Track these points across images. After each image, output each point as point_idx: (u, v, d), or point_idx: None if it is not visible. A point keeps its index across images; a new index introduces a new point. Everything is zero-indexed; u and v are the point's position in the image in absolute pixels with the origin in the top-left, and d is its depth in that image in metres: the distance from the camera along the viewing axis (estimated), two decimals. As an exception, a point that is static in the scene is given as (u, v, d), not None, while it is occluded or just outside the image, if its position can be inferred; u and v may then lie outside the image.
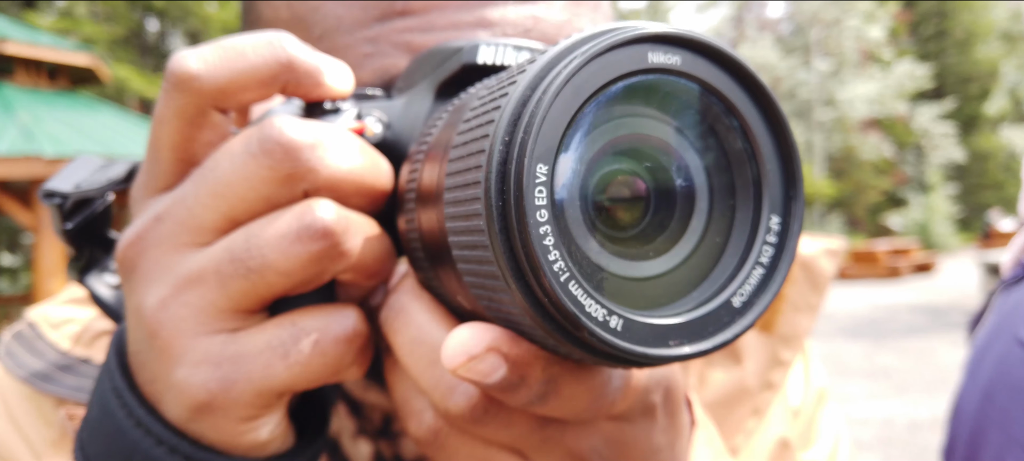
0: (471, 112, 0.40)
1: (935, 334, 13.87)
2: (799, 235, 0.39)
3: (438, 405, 0.46)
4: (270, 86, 0.48)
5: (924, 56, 38.93)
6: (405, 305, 0.48)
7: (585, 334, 0.35)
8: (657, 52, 0.36)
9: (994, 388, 1.04)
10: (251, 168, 0.45)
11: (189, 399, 0.45)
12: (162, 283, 0.46)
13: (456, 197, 0.38)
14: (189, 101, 0.46)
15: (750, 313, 0.38)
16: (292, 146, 0.45)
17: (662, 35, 0.36)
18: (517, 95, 0.35)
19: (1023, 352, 1.01)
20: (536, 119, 0.34)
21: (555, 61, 0.36)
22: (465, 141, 0.39)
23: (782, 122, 0.39)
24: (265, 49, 0.47)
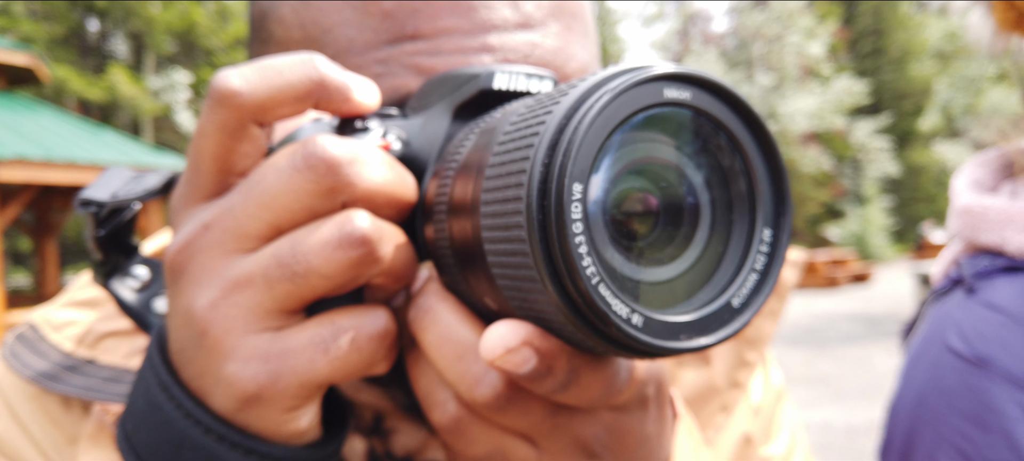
0: (505, 136, 0.45)
1: (871, 342, 14.35)
2: (788, 245, 0.46)
3: (464, 395, 0.51)
4: (304, 102, 0.52)
5: (861, 73, 40.22)
6: (433, 306, 0.53)
7: (612, 329, 0.40)
8: (671, 88, 0.42)
9: (927, 392, 1.12)
10: (296, 181, 0.49)
11: (239, 391, 0.49)
12: (212, 286, 0.49)
13: (495, 210, 0.43)
14: (231, 116, 0.50)
15: (747, 312, 0.44)
16: (334, 162, 0.49)
17: (676, 74, 0.42)
18: (555, 123, 0.40)
19: (953, 359, 1.09)
20: (574, 145, 0.39)
21: (587, 94, 0.41)
22: (502, 161, 0.43)
23: (773, 148, 0.45)
24: (300, 68, 0.51)
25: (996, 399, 1.01)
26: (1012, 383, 1.01)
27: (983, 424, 1.01)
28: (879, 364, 12.13)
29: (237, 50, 23.18)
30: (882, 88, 43.61)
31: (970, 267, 1.18)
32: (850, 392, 10.17)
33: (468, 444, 0.54)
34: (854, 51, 42.95)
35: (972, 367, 1.05)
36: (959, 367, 1.07)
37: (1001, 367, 1.02)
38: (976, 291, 1.14)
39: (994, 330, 1.06)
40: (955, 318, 1.13)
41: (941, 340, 1.13)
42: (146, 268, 0.69)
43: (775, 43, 33.15)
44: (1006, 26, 1.17)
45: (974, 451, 1.01)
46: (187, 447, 0.50)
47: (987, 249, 1.17)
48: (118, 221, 0.67)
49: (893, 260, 38.07)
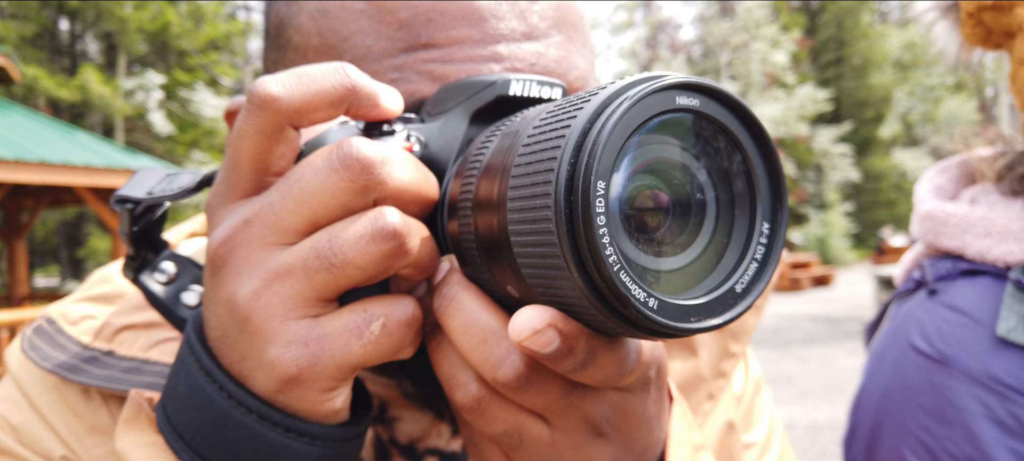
0: (530, 138, 0.48)
1: (833, 343, 14.63)
2: (784, 237, 0.50)
3: (487, 376, 0.55)
4: (337, 107, 0.55)
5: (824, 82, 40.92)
6: (457, 294, 0.56)
7: (631, 311, 0.44)
8: (683, 96, 0.46)
9: (891, 387, 1.18)
10: (333, 180, 0.52)
11: (281, 373, 0.52)
12: (254, 276, 0.52)
13: (522, 205, 0.46)
14: (270, 119, 0.53)
15: (749, 297, 0.48)
16: (367, 162, 0.52)
17: (686, 83, 0.46)
18: (580, 126, 0.44)
19: (916, 356, 1.14)
20: (598, 146, 0.43)
21: (609, 100, 0.45)
22: (529, 161, 0.47)
23: (771, 149, 0.49)
24: (334, 75, 0.55)
25: (957, 395, 1.06)
26: (972, 380, 1.06)
27: (945, 419, 1.06)
28: (841, 364, 12.38)
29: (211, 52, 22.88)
30: (844, 96, 44.41)
31: (932, 270, 1.23)
32: (813, 391, 10.36)
33: (488, 422, 0.58)
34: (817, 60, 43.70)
35: (934, 365, 1.11)
36: (922, 364, 1.12)
37: (962, 365, 1.08)
38: (938, 293, 1.19)
39: (955, 330, 1.11)
40: (918, 318, 1.18)
41: (905, 339, 1.18)
42: (172, 263, 0.72)
43: (741, 51, 33.62)
44: (972, 41, 1.23)
45: (936, 444, 1.06)
46: (230, 426, 0.54)
47: (948, 253, 1.23)
48: (149, 218, 0.70)
49: (854, 264, 38.79)
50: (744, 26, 33.04)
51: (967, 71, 1.40)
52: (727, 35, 33.46)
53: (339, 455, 0.57)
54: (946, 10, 1.26)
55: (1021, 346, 1.05)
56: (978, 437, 1.03)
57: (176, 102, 20.34)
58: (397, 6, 0.73)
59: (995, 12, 1.15)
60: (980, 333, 1.09)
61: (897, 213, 43.92)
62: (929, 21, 1.32)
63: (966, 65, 1.32)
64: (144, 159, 11.26)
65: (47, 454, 0.77)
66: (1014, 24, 1.14)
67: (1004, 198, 1.19)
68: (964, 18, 1.21)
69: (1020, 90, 1.17)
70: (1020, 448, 1.01)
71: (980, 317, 1.10)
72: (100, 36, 21.61)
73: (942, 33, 1.30)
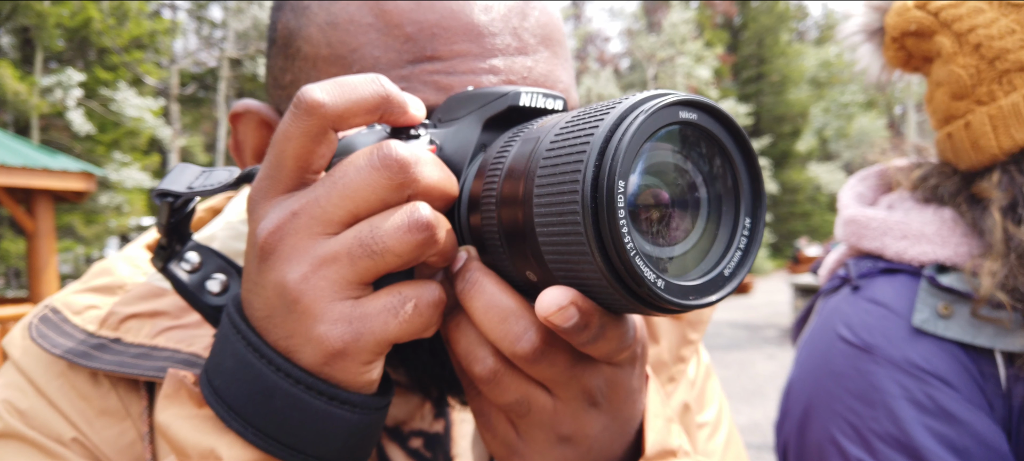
0: (553, 145, 0.55)
1: (752, 348, 15.12)
2: (763, 230, 0.59)
3: (507, 349, 0.61)
4: (373, 113, 0.61)
5: (744, 97, 42.20)
6: (479, 279, 0.63)
7: (645, 290, 0.51)
8: (684, 111, 0.54)
9: (820, 373, 1.29)
10: (373, 177, 0.58)
11: (327, 348, 0.57)
12: (302, 262, 0.57)
13: (549, 200, 0.54)
14: (315, 123, 0.58)
15: (735, 279, 0.57)
16: (404, 162, 0.58)
17: (688, 100, 0.54)
18: (603, 134, 0.51)
19: (842, 345, 1.26)
20: (620, 151, 0.50)
21: (626, 113, 0.52)
22: (554, 163, 0.54)
23: (754, 157, 0.57)
24: (371, 85, 0.60)
25: (879, 379, 1.18)
26: (893, 365, 1.18)
27: (869, 400, 1.18)
28: (759, 368, 12.83)
29: (134, 51, 22.01)
30: (763, 111, 45.87)
31: (855, 268, 1.36)
32: (733, 394, 10.69)
33: (502, 393, 0.65)
34: (738, 76, 45.07)
35: (859, 352, 1.22)
36: (848, 352, 1.24)
37: (883, 352, 1.20)
38: (861, 289, 1.31)
39: (877, 321, 1.23)
40: (843, 311, 1.30)
41: (832, 330, 1.29)
42: (197, 253, 0.76)
43: (666, 65, 34.43)
44: (894, 63, 1.37)
45: (861, 424, 1.18)
46: (278, 396, 0.59)
47: (869, 253, 1.35)
48: (183, 212, 0.75)
49: (771, 272, 40.07)
50: (670, 41, 33.87)
51: (879, 90, 1.54)
52: (654, 49, 34.24)
53: (372, 422, 0.63)
54: (871, 34, 1.39)
55: (933, 335, 1.18)
56: (898, 416, 1.15)
57: (97, 101, 19.47)
58: (403, 21, 0.79)
59: (916, 38, 1.29)
60: (899, 324, 1.21)
61: (812, 224, 45.60)
62: (854, 43, 1.45)
63: (883, 85, 1.45)
64: (63, 159, 10.78)
65: (57, 437, 0.79)
66: (933, 50, 1.27)
67: (918, 204, 1.32)
68: (888, 42, 1.34)
69: (935, 110, 1.31)
70: (934, 425, 1.13)
71: (898, 310, 1.22)
72: (16, 31, 20.52)
73: (866, 54, 1.43)
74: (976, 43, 1.19)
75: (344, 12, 0.81)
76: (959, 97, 1.23)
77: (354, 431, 0.62)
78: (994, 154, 1.20)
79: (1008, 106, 1.17)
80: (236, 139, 0.92)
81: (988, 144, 1.20)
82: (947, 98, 1.26)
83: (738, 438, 1.14)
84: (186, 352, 0.81)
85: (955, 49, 1.22)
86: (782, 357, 13.99)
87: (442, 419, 0.96)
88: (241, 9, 24.67)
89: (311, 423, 0.60)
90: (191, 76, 28.05)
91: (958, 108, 1.24)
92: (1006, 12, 1.17)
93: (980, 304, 1.14)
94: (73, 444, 0.79)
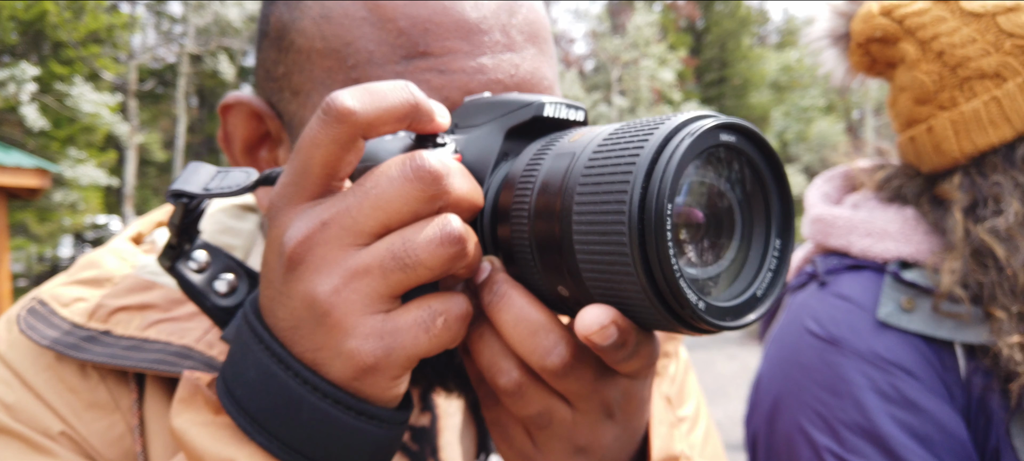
0: (593, 163, 0.55)
1: (714, 348, 15.33)
2: (792, 250, 0.59)
3: (536, 363, 0.61)
4: (403, 122, 0.60)
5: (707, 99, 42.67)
6: (507, 292, 0.62)
7: (687, 312, 0.52)
8: (724, 133, 0.54)
9: (788, 366, 1.33)
10: (406, 189, 0.57)
11: (358, 363, 0.57)
12: (333, 274, 0.56)
13: (591, 218, 0.53)
14: (345, 131, 0.57)
15: (767, 300, 0.57)
16: (437, 174, 0.57)
17: (728, 124, 0.54)
18: (649, 156, 0.51)
19: (810, 339, 1.30)
20: (668, 174, 0.50)
21: (671, 135, 0.52)
22: (596, 182, 0.54)
23: (784, 179, 0.58)
24: (401, 93, 0.59)
25: (846, 371, 1.23)
26: (859, 357, 1.23)
27: (836, 391, 1.23)
28: (720, 368, 13.02)
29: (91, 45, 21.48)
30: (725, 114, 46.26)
31: (822, 265, 1.40)
32: (697, 396, 10.81)
33: (525, 405, 0.65)
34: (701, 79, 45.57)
35: (826, 345, 1.27)
36: (816, 345, 1.29)
37: (850, 345, 1.25)
38: (827, 284, 1.36)
39: (843, 315, 1.28)
40: (811, 306, 1.34)
41: (800, 324, 1.34)
42: (205, 252, 0.74)
43: (630, 68, 34.70)
44: (859, 68, 1.42)
45: (829, 413, 1.23)
46: (305, 410, 0.58)
47: (835, 250, 1.40)
48: (197, 212, 0.73)
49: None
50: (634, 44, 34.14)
51: (840, 95, 1.60)
52: (618, 51, 34.49)
53: (396, 436, 0.62)
54: (837, 39, 1.44)
55: (897, 328, 1.23)
56: (864, 405, 1.20)
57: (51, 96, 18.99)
58: (396, 15, 0.80)
59: (881, 44, 1.34)
60: (864, 317, 1.26)
61: (772, 226, 46.07)
62: (819, 47, 1.50)
63: (845, 90, 1.51)
64: (16, 155, 10.51)
65: (45, 430, 0.78)
66: (897, 56, 1.33)
67: (882, 204, 1.37)
68: (853, 47, 1.39)
69: (898, 114, 1.36)
70: (898, 413, 1.18)
71: (864, 304, 1.27)
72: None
73: (830, 59, 1.48)
74: (939, 50, 1.24)
75: (338, 6, 0.82)
76: (922, 102, 1.29)
77: (380, 446, 0.61)
78: (955, 157, 1.26)
79: (969, 112, 1.23)
80: (226, 131, 0.92)
81: (950, 148, 1.26)
82: (910, 103, 1.31)
83: (715, 432, 1.18)
84: (177, 344, 0.81)
85: (919, 56, 1.27)
86: (744, 357, 14.21)
87: (428, 412, 0.98)
88: (202, 5, 24.27)
89: (338, 438, 0.59)
90: (150, 72, 27.50)
91: (921, 113, 1.30)
92: (967, 22, 1.23)
93: (941, 299, 1.20)
94: (61, 438, 0.78)
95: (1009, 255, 1.16)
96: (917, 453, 1.15)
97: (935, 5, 1.26)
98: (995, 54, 1.20)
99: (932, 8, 1.26)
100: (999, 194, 1.20)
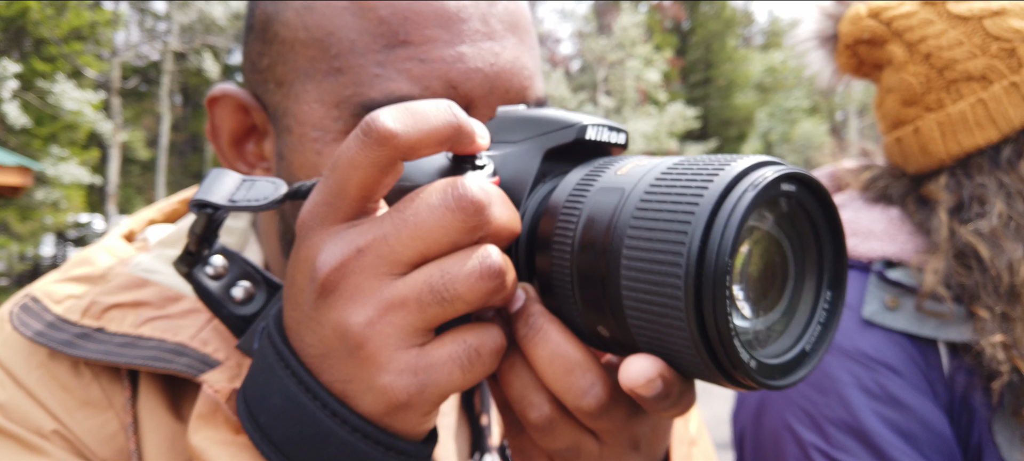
0: (647, 204, 0.52)
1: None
2: (843, 303, 0.56)
3: (571, 403, 0.59)
4: (445, 144, 0.57)
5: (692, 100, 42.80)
6: (543, 326, 0.59)
7: (740, 373, 0.49)
8: (786, 183, 0.51)
9: None
10: (448, 219, 0.54)
11: (391, 399, 0.55)
12: (368, 305, 0.54)
13: (643, 266, 0.51)
14: (386, 154, 0.54)
15: (816, 356, 0.55)
16: (480, 205, 0.55)
17: (791, 174, 0.52)
18: (710, 205, 0.48)
19: None
20: (730, 228, 0.47)
21: (732, 184, 0.49)
22: (651, 225, 0.51)
23: (841, 231, 0.55)
24: (444, 114, 0.56)
25: (832, 368, 1.24)
26: (844, 355, 1.24)
27: (822, 388, 1.24)
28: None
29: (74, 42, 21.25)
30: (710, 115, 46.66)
31: (809, 264, 1.42)
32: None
33: (553, 440, 0.63)
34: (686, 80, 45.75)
35: (813, 343, 1.29)
36: (802, 344, 1.30)
37: (835, 343, 1.26)
38: (814, 284, 1.37)
39: (829, 313, 1.30)
40: (798, 305, 1.36)
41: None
42: (222, 257, 0.72)
43: (616, 68, 34.77)
44: (846, 70, 1.44)
45: (815, 410, 1.24)
46: (333, 443, 0.56)
47: (822, 250, 1.42)
48: (219, 222, 0.71)
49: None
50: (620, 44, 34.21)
51: (825, 96, 1.62)
52: (604, 52, 34.55)
53: None
54: (824, 40, 1.46)
55: (882, 326, 1.25)
56: (850, 402, 1.21)
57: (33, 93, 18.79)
58: (377, 5, 0.80)
59: (869, 46, 1.36)
60: (849, 315, 1.28)
61: (757, 227, 46.26)
62: (807, 48, 1.51)
63: (831, 91, 1.53)
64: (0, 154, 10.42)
65: (37, 429, 0.77)
66: (884, 58, 1.35)
67: (867, 204, 1.39)
68: (841, 49, 1.41)
69: (885, 115, 1.38)
70: (883, 410, 1.20)
71: (849, 302, 1.29)
72: None
73: (817, 60, 1.50)
74: (926, 53, 1.26)
75: None
76: (909, 104, 1.31)
77: None
78: (942, 159, 1.28)
79: (956, 114, 1.25)
80: (213, 124, 0.92)
81: (936, 149, 1.28)
82: (897, 104, 1.33)
83: (708, 436, 1.18)
84: (172, 342, 0.81)
85: (906, 58, 1.29)
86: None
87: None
88: (186, 2, 24.10)
89: None
90: (133, 69, 27.28)
91: (908, 114, 1.31)
92: (955, 25, 1.25)
93: (924, 298, 1.21)
94: (54, 436, 0.78)
95: (994, 256, 1.18)
96: (902, 449, 1.17)
97: (923, 8, 1.28)
98: (982, 57, 1.23)
99: (920, 11, 1.28)
100: (984, 195, 1.22)
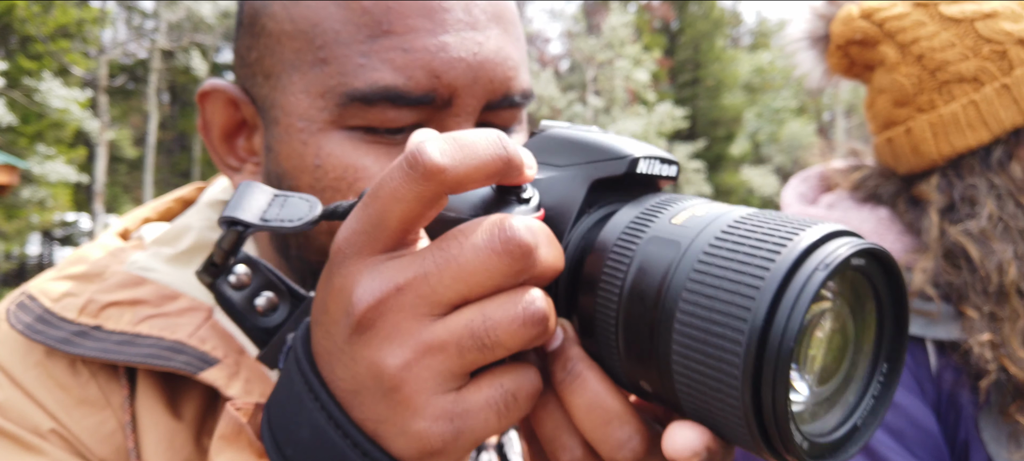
0: (707, 265, 0.49)
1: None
2: (899, 377, 0.53)
3: (606, 454, 0.56)
4: (493, 178, 0.54)
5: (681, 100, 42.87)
6: (582, 372, 0.57)
7: (791, 454, 0.47)
8: (857, 257, 0.47)
9: None
10: (493, 262, 0.52)
11: (425, 445, 0.53)
12: (405, 346, 0.52)
13: (697, 334, 0.48)
14: (432, 189, 0.52)
15: (867, 433, 0.52)
16: (528, 248, 0.52)
17: (864, 250, 0.48)
18: (777, 280, 0.45)
19: None
20: (797, 313, 0.44)
21: (802, 258, 0.46)
22: (712, 291, 0.47)
23: (905, 303, 0.52)
24: (493, 147, 0.54)
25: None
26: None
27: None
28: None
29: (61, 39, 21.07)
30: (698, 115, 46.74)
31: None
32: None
33: None
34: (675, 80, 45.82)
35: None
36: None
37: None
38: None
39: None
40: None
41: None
42: (245, 266, 0.70)
43: (605, 68, 34.82)
44: (837, 70, 1.45)
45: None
46: None
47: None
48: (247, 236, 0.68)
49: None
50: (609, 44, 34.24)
51: (814, 97, 1.63)
52: (593, 52, 34.58)
53: None
54: (816, 41, 1.47)
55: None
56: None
57: (19, 91, 18.63)
58: None
59: (861, 47, 1.37)
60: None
61: (745, 226, 46.32)
62: (797, 49, 1.53)
63: (820, 92, 1.54)
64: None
65: (35, 428, 0.77)
66: (876, 59, 1.36)
67: (856, 204, 1.40)
68: (832, 49, 1.42)
69: (875, 116, 1.40)
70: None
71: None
72: None
73: (808, 60, 1.51)
74: (919, 54, 1.28)
75: None
76: (901, 104, 1.32)
77: None
78: (933, 159, 1.29)
79: (948, 115, 1.26)
80: (204, 119, 0.92)
81: (928, 150, 1.29)
82: (889, 105, 1.34)
83: None
84: (170, 340, 0.81)
85: (898, 59, 1.30)
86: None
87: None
88: (173, 1, 23.95)
89: None
90: (121, 67, 27.07)
91: (899, 115, 1.33)
92: (947, 26, 1.26)
93: (912, 297, 1.23)
94: (51, 435, 0.77)
95: (983, 256, 1.19)
96: (889, 447, 1.18)
97: (915, 9, 1.29)
98: (973, 59, 1.24)
99: (912, 12, 1.29)
100: (975, 196, 1.24)
